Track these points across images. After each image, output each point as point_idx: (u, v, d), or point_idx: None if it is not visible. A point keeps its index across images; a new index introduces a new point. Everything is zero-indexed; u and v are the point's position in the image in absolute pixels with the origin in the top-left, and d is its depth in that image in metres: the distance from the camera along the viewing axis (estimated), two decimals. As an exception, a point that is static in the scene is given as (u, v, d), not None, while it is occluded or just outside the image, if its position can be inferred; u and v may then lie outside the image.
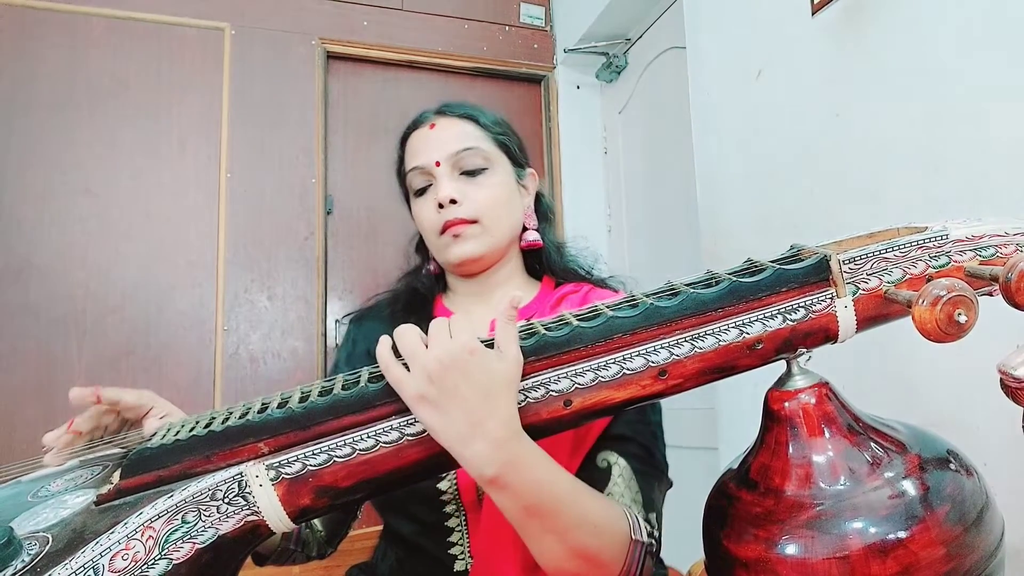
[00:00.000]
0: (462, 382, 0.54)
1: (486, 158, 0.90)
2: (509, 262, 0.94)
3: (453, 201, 0.86)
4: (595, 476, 0.74)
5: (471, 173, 0.89)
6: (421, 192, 0.91)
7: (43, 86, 1.96)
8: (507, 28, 2.53)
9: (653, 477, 0.78)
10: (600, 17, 2.29)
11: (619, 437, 0.78)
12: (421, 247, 1.01)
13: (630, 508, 0.70)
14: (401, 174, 0.96)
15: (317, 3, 2.28)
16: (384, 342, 0.58)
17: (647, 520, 0.71)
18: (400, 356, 0.57)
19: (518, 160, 0.95)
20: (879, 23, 1.15)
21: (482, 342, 0.57)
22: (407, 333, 0.57)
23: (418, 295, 0.96)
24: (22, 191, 1.91)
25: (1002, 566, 0.53)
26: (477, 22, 2.49)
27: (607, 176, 2.54)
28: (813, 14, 1.29)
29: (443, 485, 0.80)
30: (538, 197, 0.98)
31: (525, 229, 0.95)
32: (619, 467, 0.76)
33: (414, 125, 0.94)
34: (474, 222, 0.87)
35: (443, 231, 0.87)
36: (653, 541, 0.69)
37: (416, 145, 0.91)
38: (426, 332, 0.89)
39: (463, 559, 0.80)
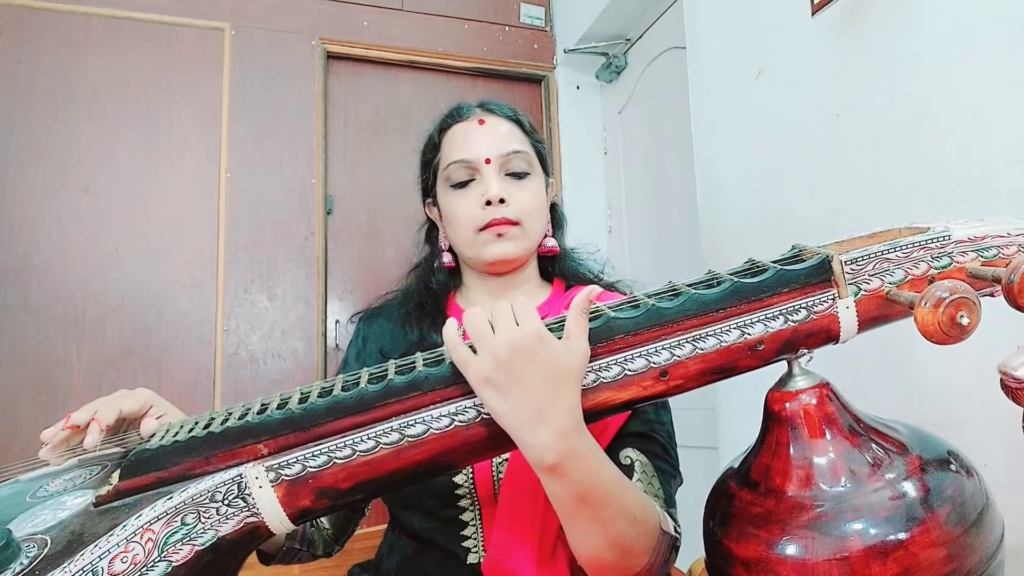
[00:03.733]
0: (529, 368, 0.55)
1: (529, 163, 0.92)
2: (529, 265, 0.96)
3: (502, 200, 0.87)
4: None
5: (516, 175, 0.90)
6: (461, 185, 0.90)
7: (43, 86, 1.96)
8: (507, 28, 2.53)
9: (672, 475, 0.81)
10: (600, 17, 2.28)
11: (640, 435, 0.81)
12: (431, 237, 1.01)
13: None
14: (432, 163, 0.96)
15: (317, 3, 2.28)
16: (451, 324, 0.59)
17: (670, 514, 0.72)
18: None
19: (547, 168, 0.97)
20: (879, 23, 1.15)
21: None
22: (476, 316, 0.58)
23: (431, 292, 0.96)
24: (22, 191, 1.91)
25: (1002, 567, 0.53)
26: (477, 22, 2.49)
27: (607, 176, 2.54)
28: (813, 14, 1.28)
29: (459, 479, 0.81)
30: (553, 205, 1.01)
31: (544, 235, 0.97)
32: (641, 463, 0.78)
33: (457, 116, 0.94)
34: (516, 223, 0.88)
35: (485, 228, 0.88)
36: (677, 535, 0.71)
37: (460, 138, 0.92)
38: (440, 331, 0.89)
39: (476, 552, 0.81)
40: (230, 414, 0.59)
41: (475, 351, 0.56)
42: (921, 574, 0.49)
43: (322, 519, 0.88)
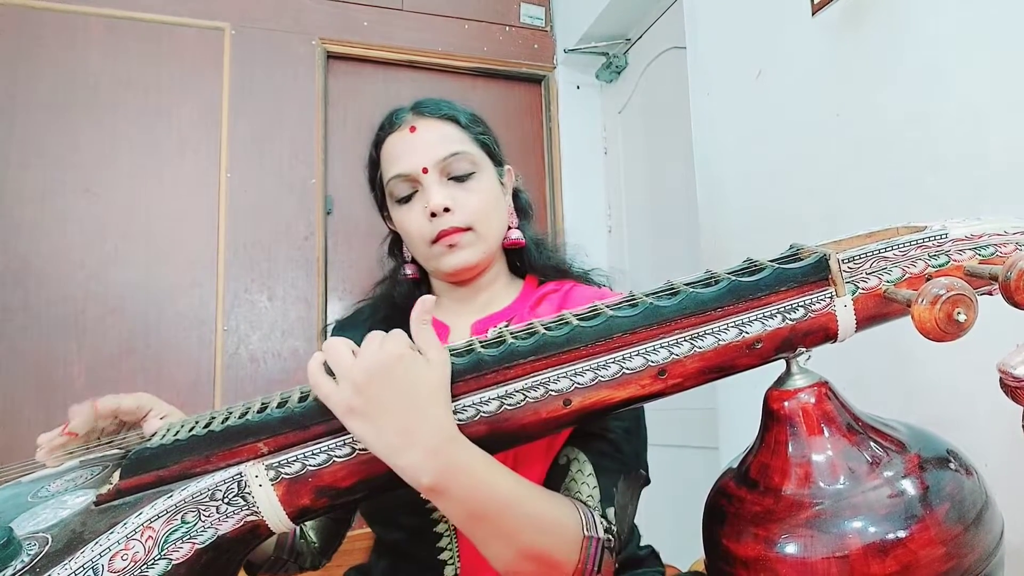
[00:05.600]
0: (388, 390, 0.54)
1: (472, 162, 0.87)
2: (495, 264, 0.92)
3: (447, 209, 0.83)
4: (555, 472, 0.74)
5: (459, 179, 0.86)
6: (406, 200, 0.87)
7: (43, 86, 1.96)
8: (507, 28, 2.53)
9: (616, 472, 0.75)
10: (600, 17, 2.29)
11: (584, 434, 0.77)
12: (394, 250, 0.99)
13: (585, 504, 0.69)
14: (376, 180, 0.92)
15: (317, 3, 2.28)
16: (316, 357, 0.57)
17: (604, 515, 0.69)
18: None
19: (498, 158, 0.93)
20: (879, 23, 1.15)
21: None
22: (335, 345, 0.57)
23: (396, 307, 0.93)
24: (22, 191, 1.91)
25: (1001, 565, 0.53)
26: (477, 22, 2.49)
27: (607, 176, 2.54)
28: (813, 14, 1.29)
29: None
30: (516, 193, 0.96)
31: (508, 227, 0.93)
32: (578, 462, 0.74)
33: (389, 127, 0.89)
34: (468, 229, 0.85)
35: (436, 240, 0.85)
36: (611, 536, 0.67)
37: (395, 150, 0.87)
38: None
39: (452, 564, 0.80)
40: (230, 413, 0.60)
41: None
42: (920, 572, 0.49)
43: (309, 532, 0.88)
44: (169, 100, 2.07)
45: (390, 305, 0.95)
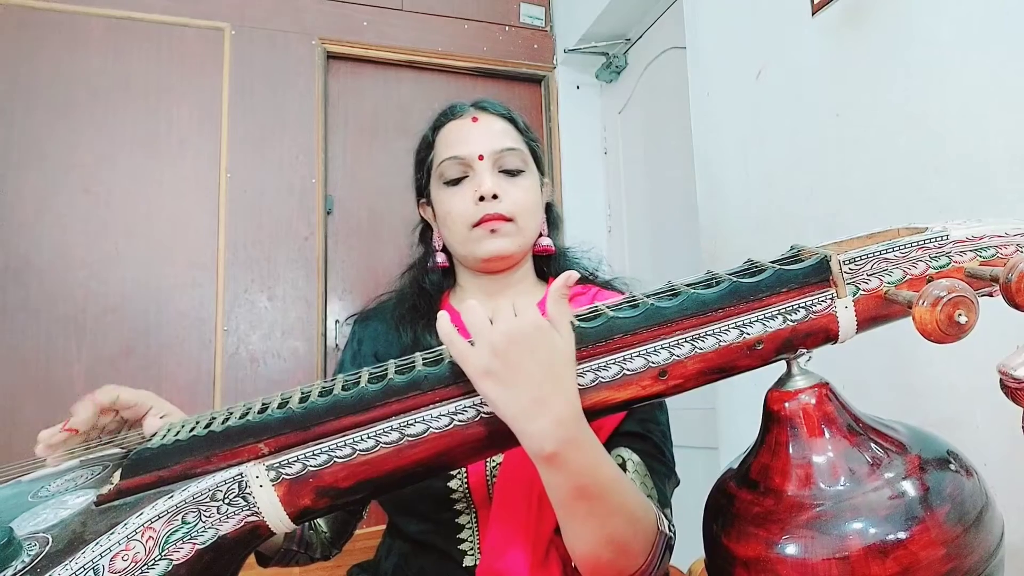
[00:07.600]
0: (528, 357, 0.55)
1: (523, 161, 0.91)
2: (524, 264, 0.95)
3: (495, 196, 0.87)
4: None
5: (510, 173, 0.90)
6: (455, 182, 0.90)
7: (43, 86, 1.96)
8: (507, 28, 2.53)
9: (664, 474, 0.80)
10: (600, 17, 2.29)
11: (632, 435, 0.80)
12: (424, 237, 1.01)
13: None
14: (426, 161, 0.96)
15: (317, 3, 2.28)
16: (444, 317, 0.58)
17: (664, 515, 0.72)
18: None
19: (542, 167, 0.97)
20: (879, 23, 1.15)
21: None
22: (474, 309, 0.58)
23: (424, 293, 0.96)
24: (22, 191, 1.91)
25: (1002, 566, 0.53)
26: (477, 22, 2.49)
27: (607, 176, 2.54)
28: (813, 14, 1.29)
29: (453, 484, 0.80)
30: (548, 205, 1.00)
31: (539, 235, 0.96)
32: (633, 463, 0.77)
33: (451, 114, 0.94)
34: (510, 220, 0.88)
35: (478, 224, 0.88)
36: (672, 535, 0.70)
37: (454, 135, 0.92)
38: (434, 333, 0.89)
39: (472, 554, 0.81)
40: (231, 413, 0.60)
41: (472, 345, 0.56)
42: (920, 573, 0.49)
43: (320, 522, 0.88)
44: (169, 100, 2.07)
45: (417, 293, 0.96)
